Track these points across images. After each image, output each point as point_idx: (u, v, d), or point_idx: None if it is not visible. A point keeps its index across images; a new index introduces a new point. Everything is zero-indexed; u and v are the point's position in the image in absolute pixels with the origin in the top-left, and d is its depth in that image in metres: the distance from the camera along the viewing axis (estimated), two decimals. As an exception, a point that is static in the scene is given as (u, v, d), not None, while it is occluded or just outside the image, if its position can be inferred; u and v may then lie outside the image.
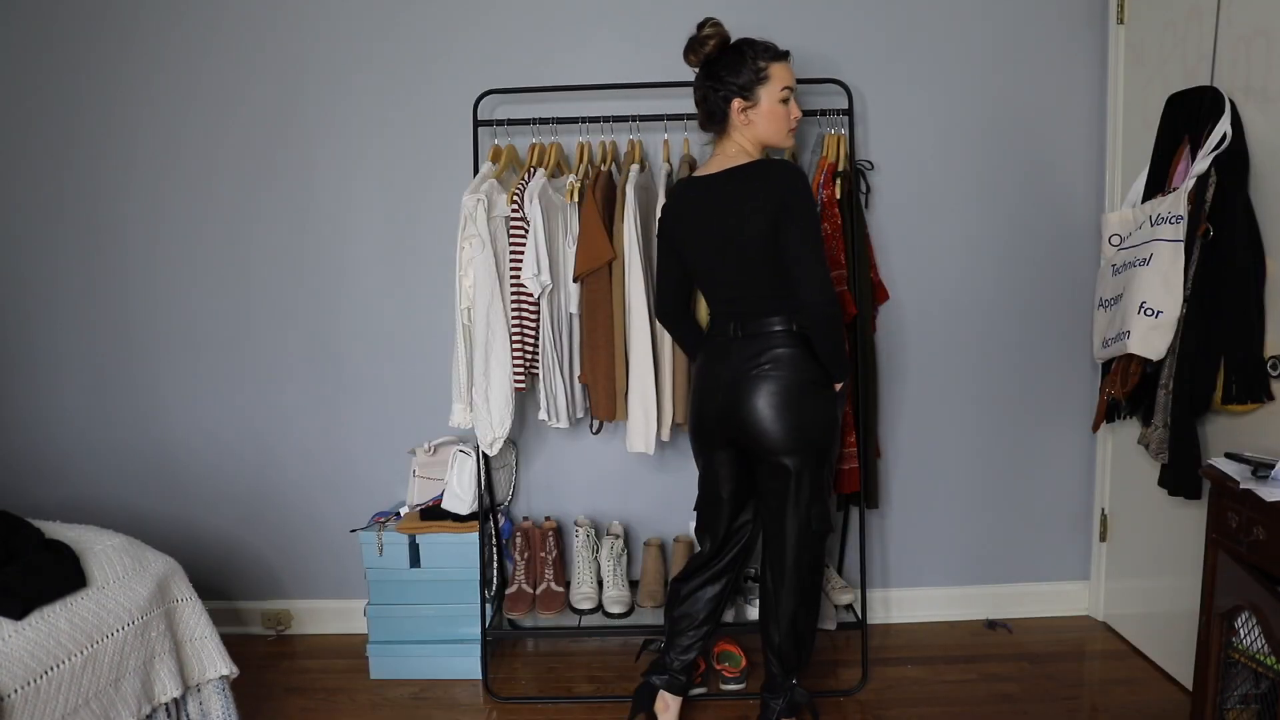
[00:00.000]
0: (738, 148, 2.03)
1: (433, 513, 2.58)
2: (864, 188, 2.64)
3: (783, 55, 2.01)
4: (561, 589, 2.65)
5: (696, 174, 2.07)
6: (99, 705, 1.71)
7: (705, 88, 2.01)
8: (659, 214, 2.21)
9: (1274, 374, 1.95)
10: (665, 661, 2.21)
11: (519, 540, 2.68)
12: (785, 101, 2.01)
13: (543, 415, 2.41)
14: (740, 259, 1.97)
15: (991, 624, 2.82)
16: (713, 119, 2.04)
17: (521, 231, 2.31)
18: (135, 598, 1.84)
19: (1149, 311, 2.12)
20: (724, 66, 1.98)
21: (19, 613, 1.62)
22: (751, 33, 2.62)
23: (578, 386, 2.49)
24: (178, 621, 1.97)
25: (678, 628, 2.20)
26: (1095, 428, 2.52)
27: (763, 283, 1.97)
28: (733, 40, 2.01)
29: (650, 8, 2.65)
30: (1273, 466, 1.75)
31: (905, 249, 2.73)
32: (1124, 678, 2.47)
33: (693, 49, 2.01)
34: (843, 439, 2.42)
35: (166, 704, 1.91)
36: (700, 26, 1.99)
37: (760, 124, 2.00)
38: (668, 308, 2.21)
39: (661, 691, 2.20)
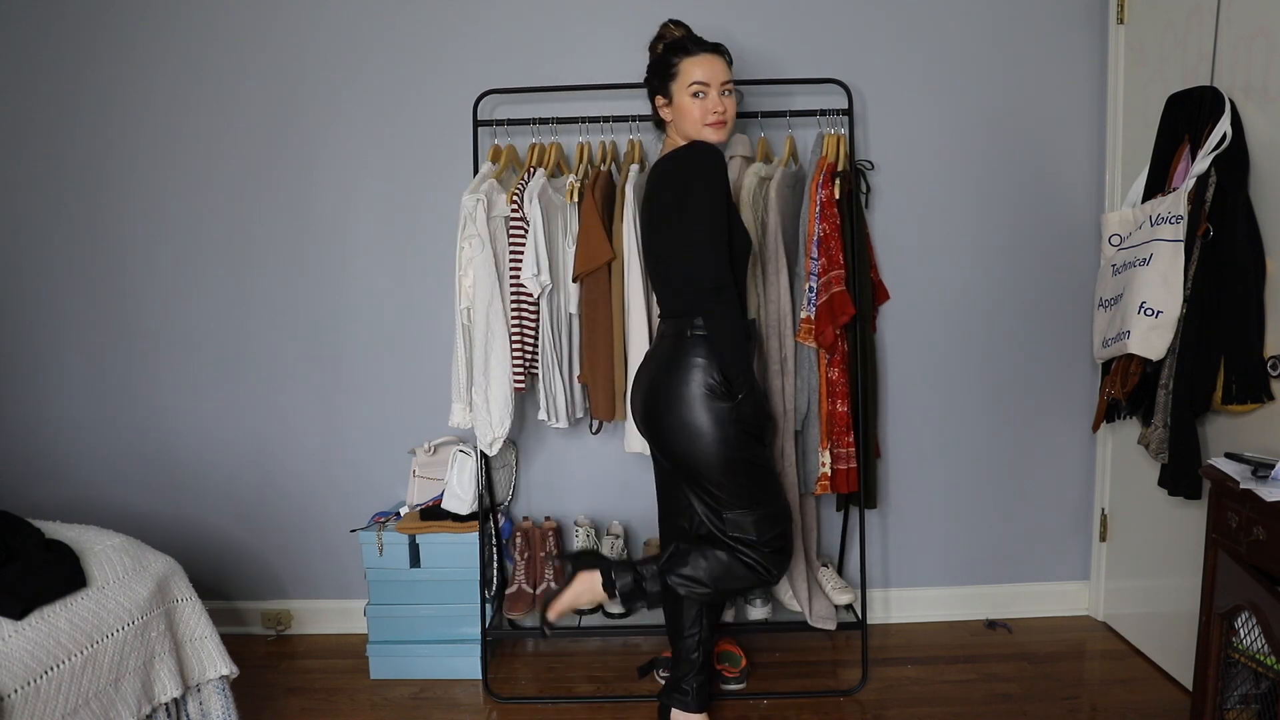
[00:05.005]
0: (673, 144, 2.10)
1: (433, 513, 2.58)
2: (864, 188, 2.64)
3: (702, 49, 2.04)
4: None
5: None
6: (99, 705, 1.72)
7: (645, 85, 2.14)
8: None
9: (1274, 374, 1.95)
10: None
11: (519, 540, 2.68)
12: (698, 96, 2.01)
13: (542, 415, 2.41)
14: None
15: (991, 624, 2.82)
16: (655, 116, 2.15)
17: (521, 231, 2.31)
18: (135, 598, 1.84)
19: (1149, 311, 2.11)
20: (649, 65, 2.12)
21: (19, 613, 1.62)
22: (750, 33, 2.65)
23: (577, 386, 2.49)
24: (178, 621, 1.97)
25: None
26: (1095, 428, 2.52)
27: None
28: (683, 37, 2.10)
29: (650, 7, 2.64)
30: (1273, 466, 1.75)
31: (905, 249, 2.72)
32: (1124, 678, 2.47)
33: (650, 46, 2.14)
34: (841, 439, 2.42)
35: (166, 704, 1.91)
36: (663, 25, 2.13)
37: (678, 120, 2.05)
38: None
39: None
